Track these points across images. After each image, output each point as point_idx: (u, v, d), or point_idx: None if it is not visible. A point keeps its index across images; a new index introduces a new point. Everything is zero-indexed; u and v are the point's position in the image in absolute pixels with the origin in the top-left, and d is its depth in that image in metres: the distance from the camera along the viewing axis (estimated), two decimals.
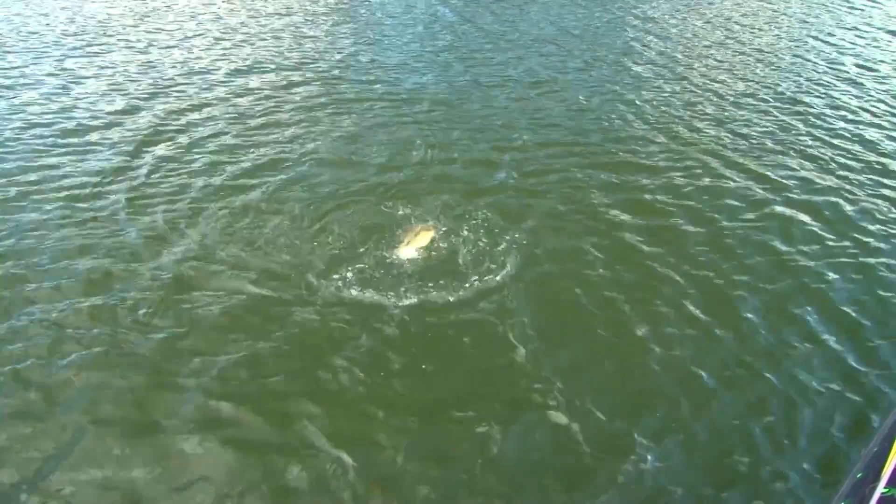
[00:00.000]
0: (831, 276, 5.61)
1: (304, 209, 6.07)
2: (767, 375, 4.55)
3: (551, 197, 6.58)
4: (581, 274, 5.41)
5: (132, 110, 8.21)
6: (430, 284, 5.03)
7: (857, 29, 13.73)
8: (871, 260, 5.88)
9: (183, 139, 7.52)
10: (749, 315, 5.09)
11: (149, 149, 7.24)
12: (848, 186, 7.16)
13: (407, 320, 4.74)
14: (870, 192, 7.09)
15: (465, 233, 5.71)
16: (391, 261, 5.30)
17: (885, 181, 7.36)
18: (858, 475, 3.21)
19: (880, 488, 2.93)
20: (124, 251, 5.45)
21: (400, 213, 6.07)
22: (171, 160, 7.03)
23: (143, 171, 6.76)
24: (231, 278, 5.14)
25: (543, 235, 5.85)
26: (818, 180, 7.26)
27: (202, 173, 6.77)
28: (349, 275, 5.11)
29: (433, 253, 5.41)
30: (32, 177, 6.57)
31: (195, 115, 8.20)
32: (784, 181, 7.17)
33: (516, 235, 5.74)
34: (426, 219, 5.93)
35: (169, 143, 7.40)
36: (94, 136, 7.47)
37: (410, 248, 5.42)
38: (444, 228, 5.73)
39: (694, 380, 4.47)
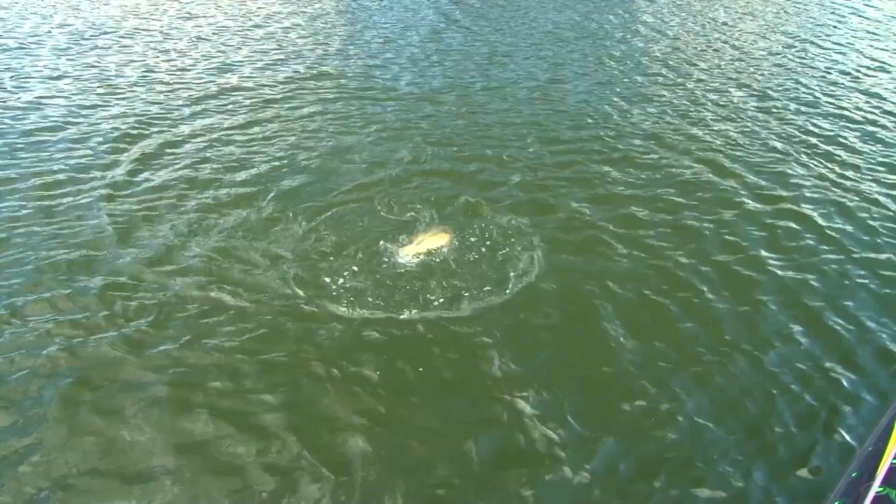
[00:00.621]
0: (827, 276, 5.63)
1: (299, 213, 5.99)
2: (762, 376, 4.54)
3: (555, 205, 6.44)
4: (581, 291, 5.21)
5: (122, 114, 8.13)
6: (427, 295, 4.92)
7: (854, 32, 13.81)
8: (871, 261, 5.88)
9: (174, 142, 7.45)
10: (744, 317, 5.10)
11: (136, 153, 7.13)
12: (845, 191, 7.20)
13: (398, 332, 4.62)
14: (869, 195, 7.12)
15: (469, 240, 5.59)
16: (387, 267, 5.21)
17: (884, 182, 7.41)
18: (853, 474, 3.21)
19: (875, 487, 2.93)
20: (106, 259, 5.31)
21: (394, 216, 6.01)
22: (160, 164, 6.95)
23: (131, 175, 6.65)
24: (218, 285, 5.02)
25: (544, 246, 5.67)
26: (811, 184, 7.29)
27: (193, 176, 6.69)
28: (341, 281, 5.02)
29: (435, 260, 5.31)
30: (13, 177, 6.49)
31: (188, 118, 8.15)
32: (781, 184, 7.20)
33: (516, 244, 5.63)
34: (436, 222, 5.81)
35: (158, 147, 7.32)
36: (79, 139, 7.36)
37: (420, 248, 5.32)
38: (451, 234, 5.60)
39: (682, 382, 4.45)
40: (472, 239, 5.61)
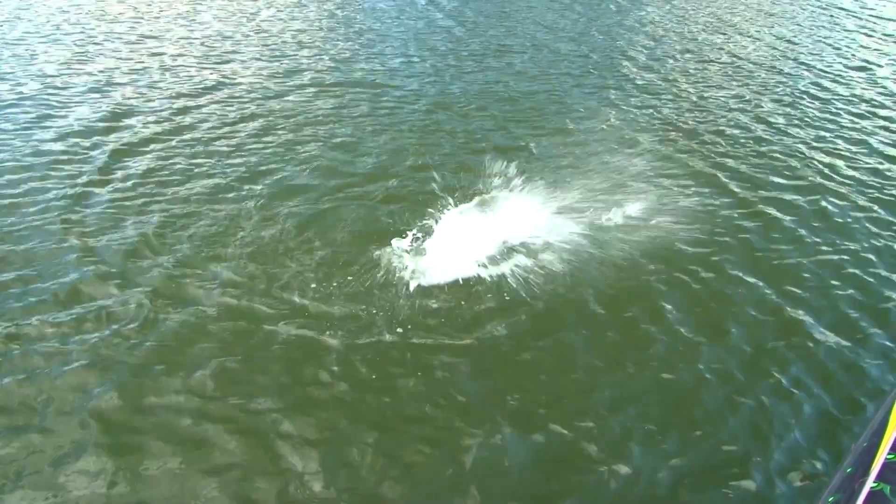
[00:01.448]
0: (823, 275, 5.65)
1: (294, 218, 5.92)
2: (754, 375, 4.53)
3: (561, 209, 6.31)
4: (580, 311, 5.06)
5: (113, 117, 8.05)
6: (411, 313, 4.80)
7: (853, 32, 13.90)
8: (864, 261, 5.91)
9: (168, 145, 7.40)
10: (737, 313, 5.10)
11: (128, 157, 7.06)
12: (840, 195, 7.21)
13: (383, 351, 4.51)
14: (864, 194, 7.16)
15: (468, 245, 5.46)
16: (382, 276, 5.12)
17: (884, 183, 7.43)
18: (848, 470, 3.19)
19: (869, 482, 2.91)
20: (98, 264, 5.23)
21: (391, 218, 5.95)
22: (152, 167, 6.87)
23: (122, 178, 6.59)
24: (209, 292, 4.94)
25: (545, 258, 5.53)
26: (807, 182, 7.31)
27: (187, 181, 6.61)
28: (331, 288, 4.95)
29: (435, 265, 5.22)
30: (4, 184, 6.41)
31: (180, 122, 8.08)
32: (772, 184, 7.22)
33: (518, 253, 5.54)
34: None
35: (151, 151, 7.25)
36: (70, 144, 7.28)
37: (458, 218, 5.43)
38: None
39: (673, 381, 4.44)
40: (476, 248, 5.50)
